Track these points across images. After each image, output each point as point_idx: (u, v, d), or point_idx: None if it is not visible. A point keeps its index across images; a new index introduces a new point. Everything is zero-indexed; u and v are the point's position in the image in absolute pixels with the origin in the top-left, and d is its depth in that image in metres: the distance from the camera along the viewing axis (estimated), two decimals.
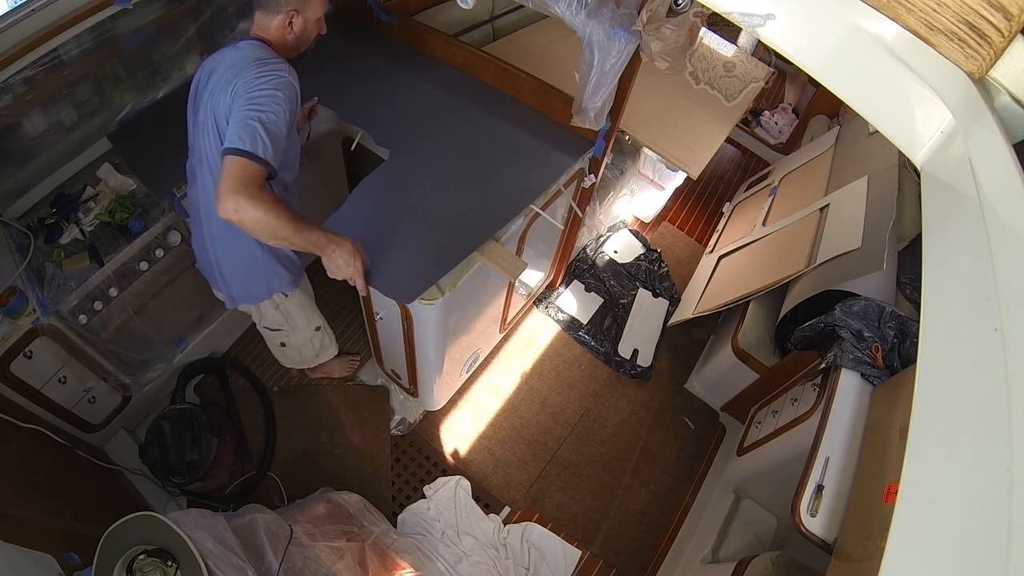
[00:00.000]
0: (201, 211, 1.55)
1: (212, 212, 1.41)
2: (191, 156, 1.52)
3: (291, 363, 2.18)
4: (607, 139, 1.91)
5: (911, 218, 2.19)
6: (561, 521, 2.36)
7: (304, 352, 2.10)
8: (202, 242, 1.64)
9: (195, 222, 1.63)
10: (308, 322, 1.98)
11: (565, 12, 1.47)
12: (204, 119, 1.38)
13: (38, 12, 1.54)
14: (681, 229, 3.45)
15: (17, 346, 1.68)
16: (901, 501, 0.62)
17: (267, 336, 2.01)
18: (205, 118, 1.38)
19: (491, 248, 1.68)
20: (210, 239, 1.59)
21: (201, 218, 1.57)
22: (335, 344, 2.20)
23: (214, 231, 1.56)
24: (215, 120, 1.35)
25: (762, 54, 3.11)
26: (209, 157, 1.41)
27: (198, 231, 1.64)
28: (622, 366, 2.76)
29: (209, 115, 1.36)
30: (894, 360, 1.74)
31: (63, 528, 1.64)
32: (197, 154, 1.46)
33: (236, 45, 1.39)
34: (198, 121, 1.42)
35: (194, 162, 1.50)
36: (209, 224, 1.55)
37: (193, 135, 1.48)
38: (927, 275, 0.80)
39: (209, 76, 1.38)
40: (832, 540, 1.46)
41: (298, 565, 1.56)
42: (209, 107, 1.35)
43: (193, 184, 1.55)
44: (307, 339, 2.04)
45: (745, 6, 0.98)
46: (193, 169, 1.52)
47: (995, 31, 0.80)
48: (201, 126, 1.40)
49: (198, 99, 1.43)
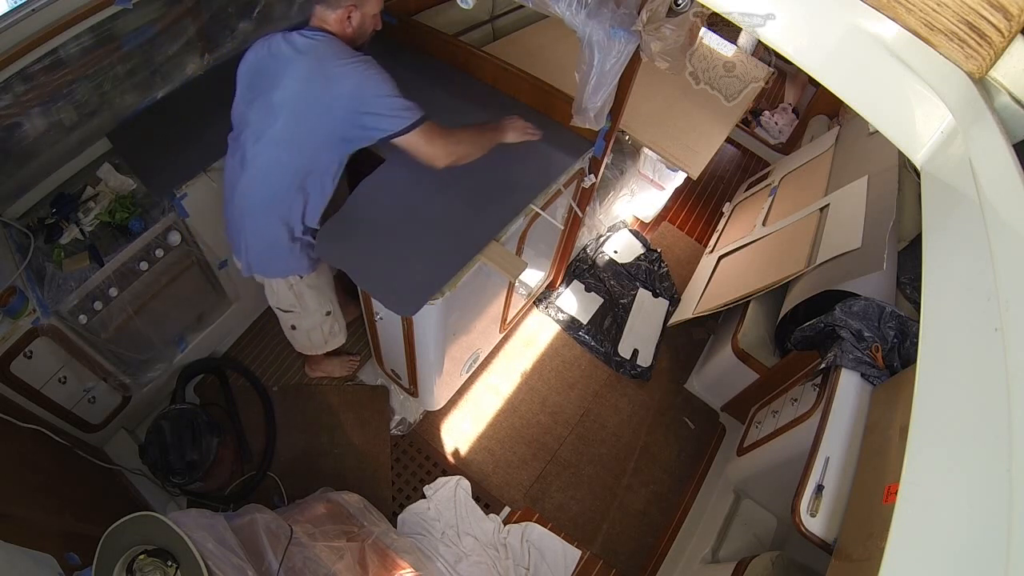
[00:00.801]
0: (240, 182, 1.56)
1: (253, 183, 1.51)
2: (239, 130, 1.54)
3: (300, 347, 2.20)
4: (607, 139, 1.91)
5: (911, 218, 2.19)
6: (561, 521, 2.36)
7: (313, 337, 2.11)
8: (232, 210, 1.65)
9: (229, 190, 1.64)
10: (319, 306, 1.99)
11: (565, 12, 1.47)
12: (283, 102, 1.42)
13: (38, 12, 1.54)
14: (681, 229, 3.45)
15: (17, 346, 1.68)
16: (901, 501, 0.62)
17: (279, 317, 2.04)
18: (285, 101, 1.41)
19: (491, 248, 1.69)
20: (241, 210, 1.61)
21: (237, 188, 1.58)
22: (344, 332, 2.21)
23: (247, 203, 1.58)
24: (306, 107, 1.40)
25: (762, 54, 3.11)
26: (269, 134, 1.46)
27: (230, 199, 1.65)
28: (622, 366, 2.76)
29: (296, 101, 1.41)
30: (894, 360, 1.74)
31: (63, 528, 1.64)
32: (252, 128, 1.49)
33: (308, 35, 1.43)
34: (272, 102, 1.43)
35: (243, 135, 1.52)
36: (243, 196, 1.57)
37: (248, 110, 1.50)
38: (927, 275, 0.80)
39: (288, 63, 1.41)
40: (832, 540, 1.46)
41: (298, 565, 1.56)
42: (299, 95, 1.40)
43: (234, 155, 1.56)
44: (317, 324, 2.05)
45: (745, 6, 0.98)
46: (239, 141, 1.53)
47: (995, 31, 0.80)
48: (276, 107, 1.43)
49: (272, 79, 1.44)
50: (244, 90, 1.54)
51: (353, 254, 1.69)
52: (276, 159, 1.49)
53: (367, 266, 1.66)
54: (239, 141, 1.56)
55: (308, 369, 2.54)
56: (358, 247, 1.68)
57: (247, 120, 1.52)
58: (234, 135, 1.59)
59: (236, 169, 1.57)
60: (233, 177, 1.60)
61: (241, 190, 1.57)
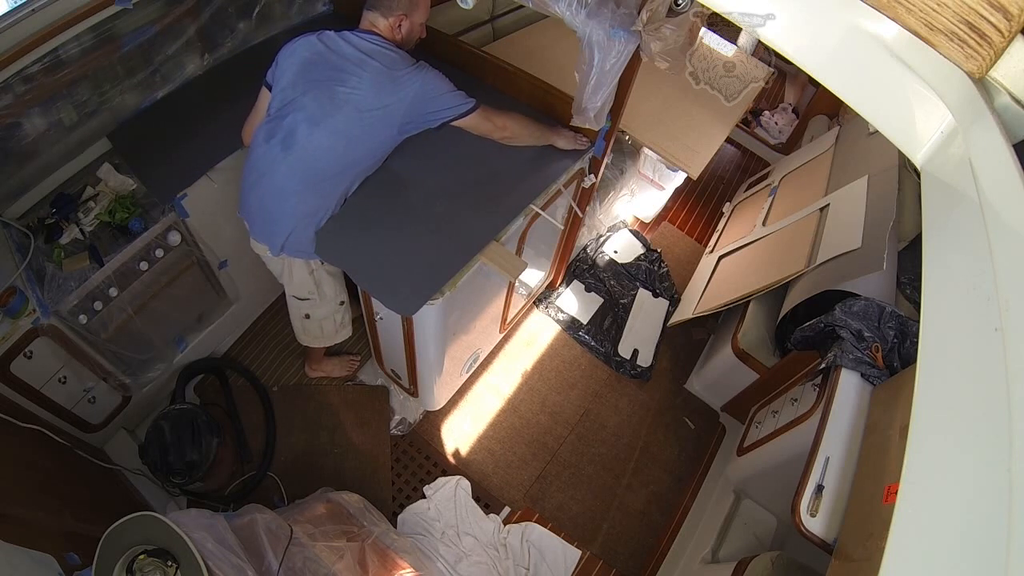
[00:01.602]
0: (282, 163, 1.59)
1: (299, 164, 1.58)
2: (284, 112, 1.58)
3: (310, 338, 2.17)
4: (607, 139, 1.91)
5: (911, 218, 2.19)
6: (561, 521, 2.36)
7: (325, 327, 2.11)
8: (263, 190, 1.66)
9: (259, 172, 1.65)
10: (336, 295, 2.00)
11: (565, 12, 1.46)
12: (348, 97, 1.53)
13: (38, 12, 1.54)
14: (681, 229, 3.45)
15: (17, 346, 1.68)
16: (901, 501, 0.62)
17: (293, 306, 2.03)
18: (351, 97, 1.52)
19: (491, 248, 1.69)
20: (280, 190, 1.63)
21: (276, 169, 1.61)
22: (350, 327, 2.21)
23: (289, 183, 1.61)
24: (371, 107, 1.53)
25: (762, 54, 3.11)
26: (330, 123, 1.54)
27: (258, 180, 1.66)
28: (622, 366, 2.76)
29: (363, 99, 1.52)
30: (894, 360, 1.74)
31: (63, 528, 1.64)
32: (308, 113, 1.55)
33: (368, 39, 1.56)
34: (336, 94, 1.53)
35: (292, 118, 1.57)
36: (285, 176, 1.60)
37: (303, 96, 1.56)
38: (927, 275, 0.80)
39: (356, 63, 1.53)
40: (832, 540, 1.46)
41: (298, 565, 1.56)
42: (367, 95, 1.52)
43: (272, 137, 1.60)
44: (331, 312, 2.05)
45: (745, 6, 0.98)
46: (283, 123, 1.58)
47: (995, 31, 0.80)
48: (340, 100, 1.53)
49: (336, 72, 1.53)
50: (295, 77, 1.58)
51: (353, 254, 1.69)
52: (331, 146, 1.57)
53: (367, 266, 1.66)
54: (283, 123, 1.58)
55: (308, 369, 2.54)
56: (358, 247, 1.68)
57: (301, 104, 1.56)
58: (275, 116, 1.61)
59: (275, 150, 1.60)
60: (269, 158, 1.62)
61: (284, 170, 1.60)
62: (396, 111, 1.55)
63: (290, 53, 1.61)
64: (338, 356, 2.57)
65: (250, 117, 1.76)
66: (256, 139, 1.66)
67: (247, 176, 1.70)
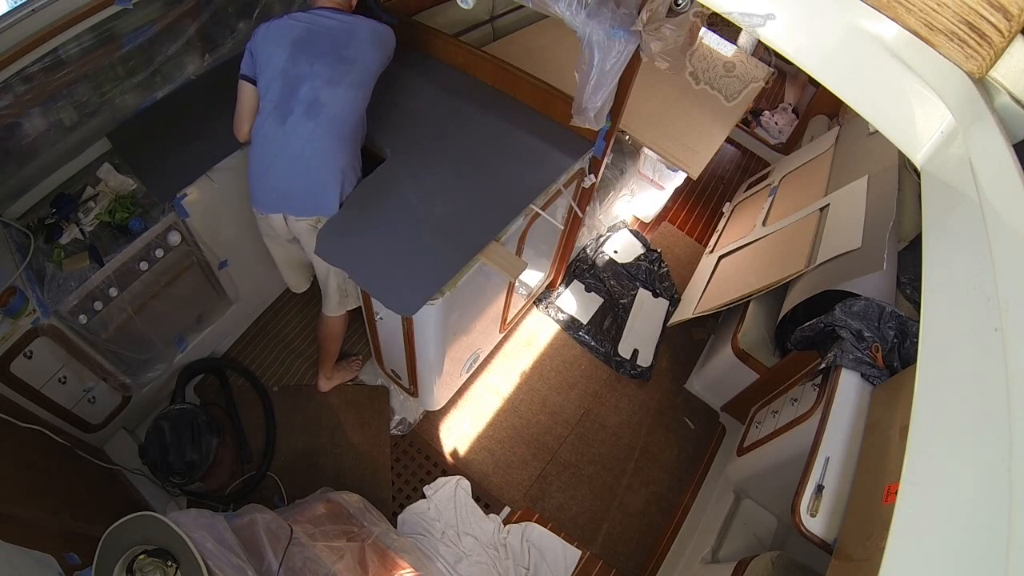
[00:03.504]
0: (305, 131, 1.71)
1: (330, 124, 1.71)
2: (295, 85, 1.69)
3: (351, 302, 2.16)
4: (607, 139, 1.91)
5: (911, 218, 2.19)
6: (561, 521, 2.36)
7: (349, 289, 2.11)
8: (283, 164, 1.75)
9: (278, 148, 1.74)
10: None
11: (565, 12, 1.46)
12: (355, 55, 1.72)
13: (38, 12, 1.54)
14: (681, 229, 3.45)
15: (17, 346, 1.68)
16: (901, 501, 0.62)
17: (333, 277, 2.02)
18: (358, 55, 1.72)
19: (491, 248, 1.69)
20: (311, 155, 1.73)
21: (300, 138, 1.71)
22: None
23: (320, 145, 1.73)
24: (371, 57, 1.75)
25: (762, 54, 3.11)
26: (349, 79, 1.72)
27: (278, 156, 1.74)
28: (622, 366, 2.76)
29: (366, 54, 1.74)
30: (894, 360, 1.74)
31: (63, 528, 1.64)
32: (325, 78, 1.70)
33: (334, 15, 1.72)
34: (345, 55, 1.71)
35: (307, 87, 1.69)
36: (313, 141, 1.72)
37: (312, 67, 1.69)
38: (927, 275, 0.80)
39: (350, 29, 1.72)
40: (832, 540, 1.46)
41: (298, 565, 1.56)
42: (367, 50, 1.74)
43: (290, 113, 1.70)
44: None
45: (745, 6, 0.98)
46: (298, 95, 1.70)
47: (995, 31, 0.80)
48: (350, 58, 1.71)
49: (337, 39, 1.70)
50: (292, 57, 1.69)
51: (353, 254, 1.69)
52: (353, 97, 1.75)
53: (367, 266, 1.66)
54: (296, 98, 1.70)
55: (323, 384, 2.51)
56: (358, 247, 1.68)
57: (314, 74, 1.70)
58: (283, 97, 1.70)
59: (297, 125, 1.71)
60: (294, 135, 1.71)
61: (316, 136, 1.71)
62: (382, 59, 1.80)
63: (269, 41, 1.70)
64: (344, 360, 2.56)
65: (239, 114, 1.79)
66: (264, 128, 1.73)
67: (264, 166, 1.76)
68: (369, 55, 1.76)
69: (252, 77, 1.73)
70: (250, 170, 1.81)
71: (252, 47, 1.72)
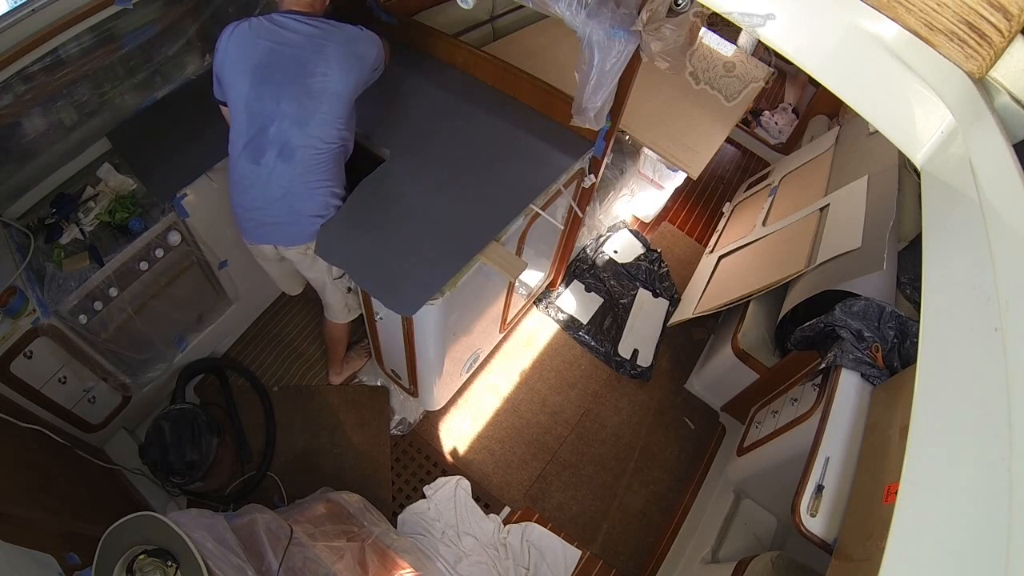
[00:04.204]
0: (283, 174, 1.63)
1: (304, 166, 1.62)
2: (264, 124, 1.58)
3: (353, 310, 2.15)
4: (607, 139, 1.91)
5: (911, 218, 2.19)
6: (561, 521, 2.36)
7: (350, 302, 2.11)
8: (276, 210, 1.69)
9: (270, 194, 1.67)
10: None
11: (565, 12, 1.46)
12: (325, 87, 1.55)
13: (38, 12, 1.54)
14: (681, 229, 3.45)
15: (17, 346, 1.68)
16: (901, 501, 0.62)
17: (333, 288, 2.00)
18: (327, 86, 1.55)
19: (491, 248, 1.69)
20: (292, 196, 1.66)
21: (277, 182, 1.64)
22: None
23: (300, 187, 1.65)
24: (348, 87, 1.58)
25: (762, 54, 3.11)
26: (318, 118, 1.57)
27: (271, 202, 1.68)
28: (622, 366, 2.76)
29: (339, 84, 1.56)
30: (894, 360, 1.74)
31: (63, 528, 1.64)
32: (293, 118, 1.56)
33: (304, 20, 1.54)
34: (312, 88, 1.54)
35: (276, 128, 1.57)
36: (295, 181, 1.64)
37: (278, 104, 1.55)
38: (927, 275, 0.80)
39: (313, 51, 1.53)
40: (832, 540, 1.46)
41: (298, 565, 1.56)
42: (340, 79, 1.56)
43: (262, 155, 1.61)
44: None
45: (745, 6, 0.98)
46: (267, 135, 1.59)
47: (995, 31, 0.80)
48: (318, 92, 1.55)
49: (299, 67, 1.53)
50: (255, 87, 1.55)
51: (353, 254, 1.69)
52: (327, 132, 1.61)
53: (367, 266, 1.66)
54: (267, 138, 1.59)
55: (334, 377, 2.52)
56: (358, 247, 1.68)
57: (280, 113, 1.56)
58: (254, 134, 1.60)
59: (273, 166, 1.62)
60: (272, 176, 1.63)
61: (296, 177, 1.63)
62: (363, 77, 1.63)
63: (229, 64, 1.56)
64: (351, 351, 2.56)
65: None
66: (240, 162, 1.66)
67: (245, 204, 1.71)
68: (339, 82, 1.56)
69: (223, 101, 1.66)
70: (232, 202, 1.77)
71: (217, 70, 1.60)
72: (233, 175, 1.71)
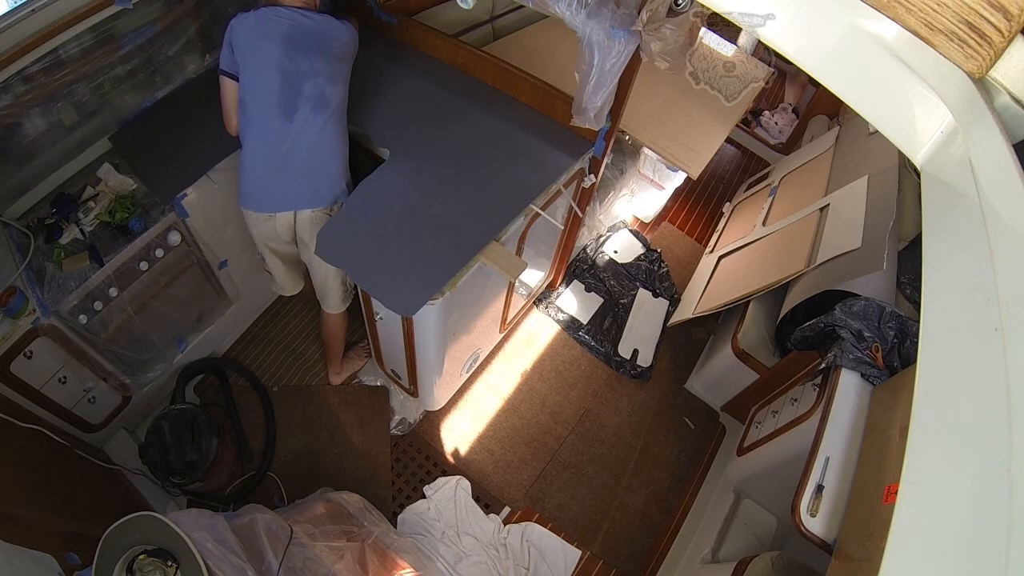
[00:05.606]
0: (315, 125, 1.76)
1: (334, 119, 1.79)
2: (299, 81, 1.71)
3: (345, 301, 2.19)
4: (607, 139, 1.91)
5: (911, 218, 2.19)
6: (561, 521, 2.36)
7: (349, 282, 2.14)
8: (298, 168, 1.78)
9: (295, 149, 1.76)
10: None
11: (565, 12, 1.46)
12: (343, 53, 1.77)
13: (38, 12, 1.54)
14: (681, 229, 3.45)
15: (17, 346, 1.68)
16: (901, 501, 0.62)
17: (336, 271, 2.04)
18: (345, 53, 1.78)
19: (491, 248, 1.69)
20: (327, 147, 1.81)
21: (313, 131, 1.76)
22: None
23: (332, 139, 1.81)
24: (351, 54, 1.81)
25: (762, 54, 3.11)
26: (342, 76, 1.79)
27: (294, 157, 1.77)
28: (622, 366, 2.76)
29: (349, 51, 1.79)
30: (894, 360, 1.74)
31: (63, 528, 1.64)
32: (325, 76, 1.73)
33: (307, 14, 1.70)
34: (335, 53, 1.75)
35: (311, 82, 1.72)
36: (327, 134, 1.79)
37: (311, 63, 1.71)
38: (927, 275, 0.80)
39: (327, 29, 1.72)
40: (832, 540, 1.46)
41: (298, 565, 1.56)
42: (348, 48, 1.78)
43: (296, 110, 1.73)
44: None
45: (745, 6, 0.98)
46: (300, 89, 1.72)
47: (995, 31, 0.80)
48: (339, 56, 1.76)
49: (323, 39, 1.71)
50: (286, 51, 1.69)
51: (353, 254, 1.69)
52: (345, 93, 1.83)
53: (367, 266, 1.66)
54: (301, 93, 1.72)
55: (334, 377, 2.52)
56: (358, 247, 1.68)
57: (314, 70, 1.72)
58: (283, 90, 1.70)
59: (306, 119, 1.74)
60: (304, 128, 1.74)
61: (327, 128, 1.78)
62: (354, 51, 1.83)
63: (253, 35, 1.68)
64: (350, 351, 2.56)
65: (227, 109, 1.79)
66: (267, 125, 1.73)
67: (275, 164, 1.76)
68: (350, 52, 1.81)
69: (232, 71, 1.72)
70: (251, 171, 1.79)
71: (233, 41, 1.68)
72: (256, 141, 1.76)
